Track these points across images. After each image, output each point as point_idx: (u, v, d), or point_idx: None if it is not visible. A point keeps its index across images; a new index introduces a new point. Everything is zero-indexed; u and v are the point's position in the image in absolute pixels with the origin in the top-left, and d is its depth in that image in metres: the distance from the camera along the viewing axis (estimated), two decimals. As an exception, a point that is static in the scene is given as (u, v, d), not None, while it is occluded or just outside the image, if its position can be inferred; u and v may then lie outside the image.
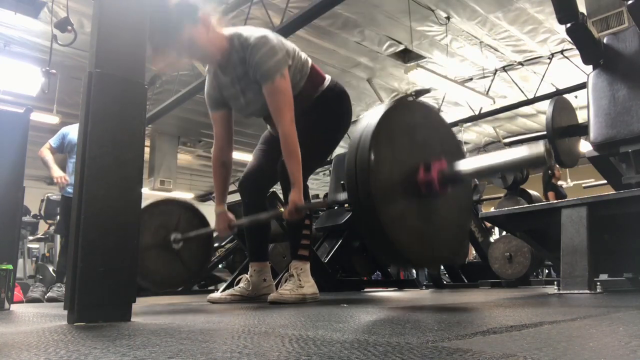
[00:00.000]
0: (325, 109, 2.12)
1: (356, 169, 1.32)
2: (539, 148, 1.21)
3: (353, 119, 2.28)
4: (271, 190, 2.58)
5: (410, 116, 1.50)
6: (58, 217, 4.13)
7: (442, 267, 4.66)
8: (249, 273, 2.29)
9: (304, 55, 2.12)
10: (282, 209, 1.95)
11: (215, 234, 2.47)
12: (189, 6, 1.84)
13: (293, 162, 1.90)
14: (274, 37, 1.96)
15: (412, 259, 1.43)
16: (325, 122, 2.14)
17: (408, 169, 1.40)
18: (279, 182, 2.11)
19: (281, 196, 2.51)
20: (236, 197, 2.48)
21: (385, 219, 1.29)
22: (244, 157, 7.93)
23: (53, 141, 3.76)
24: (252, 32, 1.95)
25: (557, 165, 6.25)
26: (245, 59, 1.93)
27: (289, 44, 2.05)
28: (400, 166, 1.40)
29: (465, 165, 1.42)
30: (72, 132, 3.78)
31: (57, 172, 3.67)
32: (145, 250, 2.36)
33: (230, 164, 2.27)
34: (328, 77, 2.19)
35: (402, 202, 1.38)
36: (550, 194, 5.92)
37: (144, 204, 2.40)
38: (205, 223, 2.64)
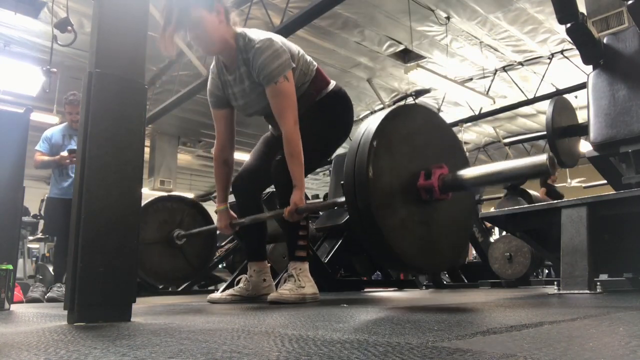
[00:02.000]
0: (326, 112, 2.13)
1: (354, 182, 1.31)
2: (541, 158, 1.22)
3: (354, 118, 2.28)
4: (271, 191, 2.58)
5: (410, 121, 1.48)
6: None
7: (442, 267, 4.66)
8: (248, 273, 2.28)
9: (309, 58, 2.13)
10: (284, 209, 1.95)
11: (217, 232, 2.49)
12: None
13: (295, 163, 1.91)
14: (279, 40, 1.98)
15: (414, 266, 1.42)
16: (325, 125, 2.14)
17: (408, 176, 1.39)
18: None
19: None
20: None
21: (385, 230, 1.28)
22: (244, 157, 7.94)
23: (41, 147, 3.72)
24: (257, 34, 1.96)
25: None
26: (249, 61, 1.94)
27: (294, 46, 2.06)
28: (400, 174, 1.38)
29: (467, 172, 1.41)
30: (55, 134, 3.76)
31: (61, 155, 3.64)
32: (149, 245, 2.38)
33: (232, 162, 2.27)
34: (333, 82, 2.20)
35: (402, 210, 1.37)
36: (542, 190, 5.93)
37: (145, 202, 2.42)
38: (209, 220, 2.65)
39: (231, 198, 2.30)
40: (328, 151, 2.23)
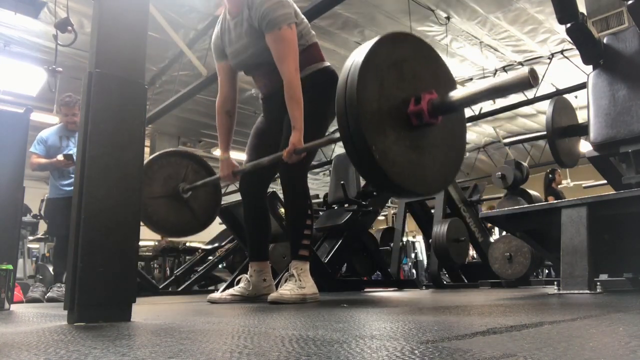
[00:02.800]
0: (311, 86, 2.10)
1: (345, 105, 1.34)
2: (523, 71, 1.26)
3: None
4: (271, 190, 2.59)
5: (400, 49, 1.49)
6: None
7: (442, 268, 4.66)
8: (248, 273, 2.28)
9: (312, 31, 2.20)
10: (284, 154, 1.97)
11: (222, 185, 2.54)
12: None
13: (295, 105, 1.96)
14: None
15: (405, 188, 1.44)
16: (315, 106, 2.10)
17: (398, 102, 1.42)
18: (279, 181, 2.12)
19: (281, 196, 2.51)
20: (236, 197, 2.50)
21: (377, 152, 1.31)
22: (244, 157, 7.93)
23: (37, 150, 3.67)
24: None
25: (558, 170, 6.26)
26: (253, 5, 2.00)
27: (298, 9, 2.13)
28: (390, 99, 1.41)
29: (455, 94, 1.44)
30: (51, 136, 3.73)
31: (58, 158, 3.59)
32: (156, 199, 2.42)
33: (234, 112, 2.34)
34: (327, 63, 2.22)
35: (393, 134, 1.39)
36: (550, 199, 5.93)
37: (149, 159, 2.47)
38: (212, 172, 2.69)
39: (232, 198, 2.31)
40: (319, 132, 2.19)
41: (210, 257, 4.71)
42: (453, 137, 1.62)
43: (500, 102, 9.08)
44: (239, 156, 2.51)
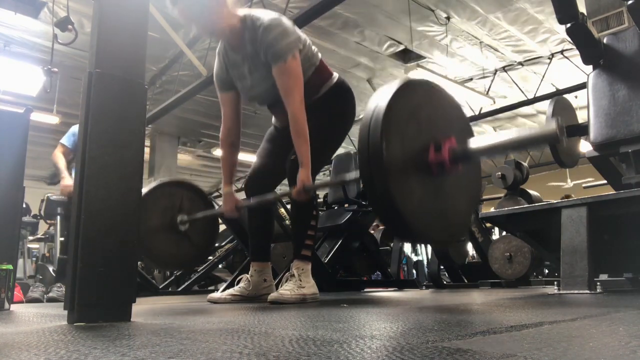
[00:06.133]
0: (332, 105, 2.13)
1: (369, 156, 1.34)
2: (551, 125, 1.22)
3: (354, 118, 2.28)
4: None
5: (418, 96, 1.50)
6: (59, 217, 4.09)
7: (442, 267, 4.66)
8: (249, 273, 2.28)
9: (314, 47, 2.14)
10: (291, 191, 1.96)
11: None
12: None
13: (301, 142, 1.91)
14: (287, 20, 1.99)
15: (428, 237, 1.44)
16: (332, 120, 2.14)
17: (418, 149, 1.41)
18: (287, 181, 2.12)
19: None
20: (240, 195, 2.50)
21: (400, 202, 1.31)
22: (246, 157, 7.93)
23: (66, 141, 3.65)
24: (265, 14, 1.98)
25: (572, 195, 6.26)
26: (256, 39, 1.95)
27: (301, 32, 2.08)
28: (411, 147, 1.41)
29: (477, 143, 1.44)
30: None
31: (67, 181, 3.55)
32: (154, 233, 2.40)
33: (238, 145, 2.29)
34: (336, 74, 2.21)
35: (414, 182, 1.39)
36: None
37: (144, 192, 2.44)
38: (206, 199, 2.67)
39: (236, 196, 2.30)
40: (335, 147, 2.24)
41: (210, 257, 4.70)
42: (469, 181, 1.62)
43: (500, 102, 9.08)
44: (241, 156, 2.50)
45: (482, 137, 1.47)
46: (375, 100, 1.42)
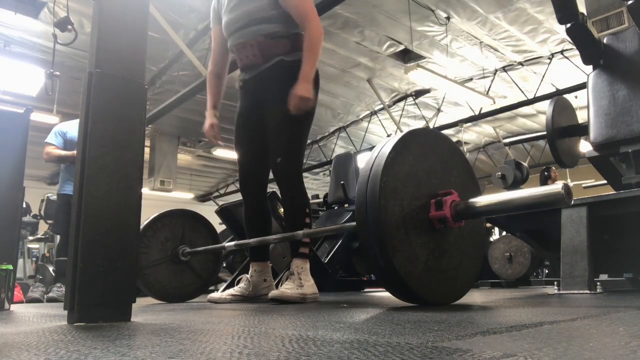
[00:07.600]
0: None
1: (367, 217, 1.30)
2: (556, 187, 1.21)
3: (353, 118, 2.28)
4: (270, 191, 2.58)
5: (416, 151, 1.45)
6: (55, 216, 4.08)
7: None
8: (249, 273, 2.28)
9: None
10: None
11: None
12: None
13: (313, 58, 2.01)
14: None
15: (435, 302, 1.41)
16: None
17: (419, 205, 1.37)
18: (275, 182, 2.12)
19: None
20: (237, 197, 2.49)
21: (402, 272, 1.28)
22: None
23: (54, 141, 3.63)
24: None
25: (553, 167, 6.26)
26: None
27: None
28: (411, 204, 1.36)
29: (480, 201, 1.39)
30: (71, 129, 3.69)
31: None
32: (156, 266, 2.39)
33: (224, 76, 2.42)
34: None
35: (417, 245, 1.35)
36: None
37: (143, 224, 2.42)
38: (211, 229, 2.65)
39: (232, 198, 2.30)
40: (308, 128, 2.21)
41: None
42: (473, 235, 1.56)
43: (500, 102, 9.09)
44: (233, 155, 2.49)
45: (487, 196, 1.42)
46: (374, 154, 1.37)
